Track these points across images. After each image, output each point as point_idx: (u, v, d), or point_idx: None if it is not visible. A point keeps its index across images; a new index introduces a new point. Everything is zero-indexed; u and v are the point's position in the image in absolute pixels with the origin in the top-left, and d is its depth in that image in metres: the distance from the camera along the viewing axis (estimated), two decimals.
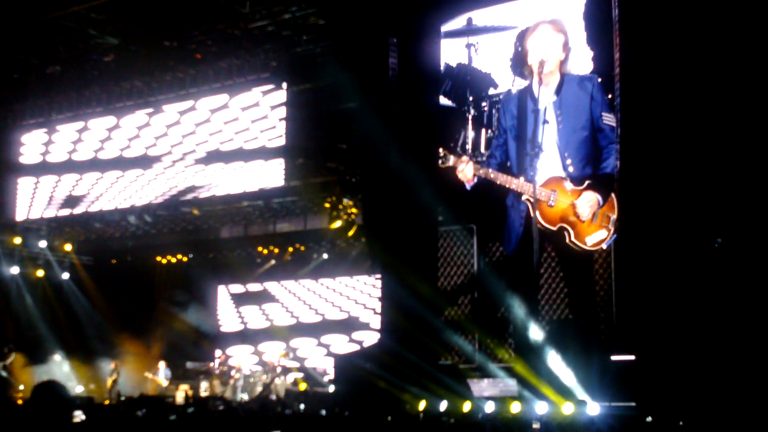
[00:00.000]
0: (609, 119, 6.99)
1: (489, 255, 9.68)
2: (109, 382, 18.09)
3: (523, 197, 6.65)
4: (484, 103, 10.28)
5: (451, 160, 6.89)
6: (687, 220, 8.24)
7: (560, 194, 6.64)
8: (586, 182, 6.70)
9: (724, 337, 7.62)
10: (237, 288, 20.63)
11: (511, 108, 7.07)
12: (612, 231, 6.81)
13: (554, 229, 6.66)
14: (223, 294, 20.73)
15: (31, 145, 18.35)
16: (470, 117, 10.32)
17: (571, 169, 6.74)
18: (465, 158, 6.84)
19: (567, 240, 6.69)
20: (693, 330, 7.77)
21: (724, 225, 8.29)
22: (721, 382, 7.18)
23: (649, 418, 6.75)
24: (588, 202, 6.65)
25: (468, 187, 6.98)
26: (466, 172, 6.79)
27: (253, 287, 20.43)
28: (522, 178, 6.60)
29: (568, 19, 8.75)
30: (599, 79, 7.36)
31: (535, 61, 6.75)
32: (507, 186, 6.67)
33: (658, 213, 8.22)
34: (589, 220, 6.67)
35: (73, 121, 17.63)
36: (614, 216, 6.82)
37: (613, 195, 6.86)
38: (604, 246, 6.87)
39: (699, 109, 8.32)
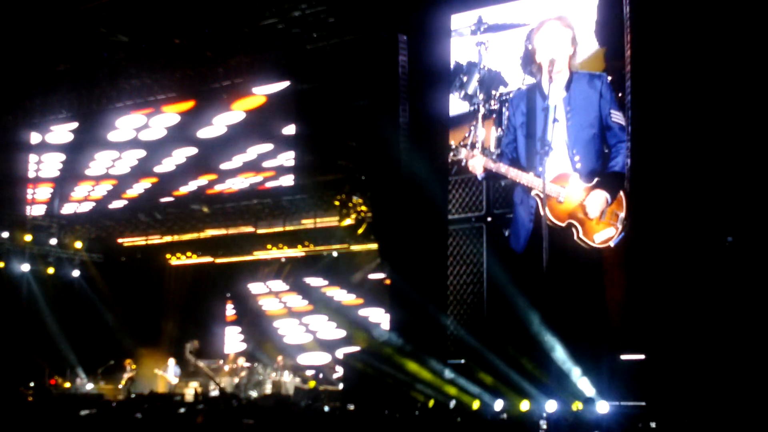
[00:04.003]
0: (618, 117, 6.96)
1: (498, 253, 9.66)
2: (125, 380, 18.13)
3: (533, 193, 6.63)
4: (494, 101, 10.28)
5: (462, 152, 6.88)
6: (697, 219, 8.21)
7: (569, 191, 6.62)
8: (595, 179, 6.68)
9: (734, 336, 7.59)
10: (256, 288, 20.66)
11: (520, 105, 7.04)
12: (620, 229, 6.78)
13: (563, 225, 6.64)
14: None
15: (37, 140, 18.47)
16: (480, 115, 10.32)
17: (579, 166, 6.72)
18: (475, 152, 6.83)
19: (575, 237, 6.67)
20: (703, 329, 7.74)
21: (735, 223, 8.26)
22: (732, 381, 7.15)
23: (653, 424, 6.73)
24: (597, 199, 6.62)
25: (479, 178, 6.97)
26: (476, 165, 6.77)
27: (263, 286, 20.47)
28: (532, 174, 6.58)
29: (577, 16, 8.74)
30: (609, 77, 7.34)
31: (544, 58, 6.73)
32: (517, 180, 6.66)
33: (669, 211, 8.20)
34: (597, 217, 6.65)
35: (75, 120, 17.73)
36: (622, 214, 6.78)
37: (621, 193, 6.82)
38: (611, 244, 6.84)
39: (710, 107, 8.29)
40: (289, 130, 15.78)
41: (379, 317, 17.45)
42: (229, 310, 21.05)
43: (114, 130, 17.42)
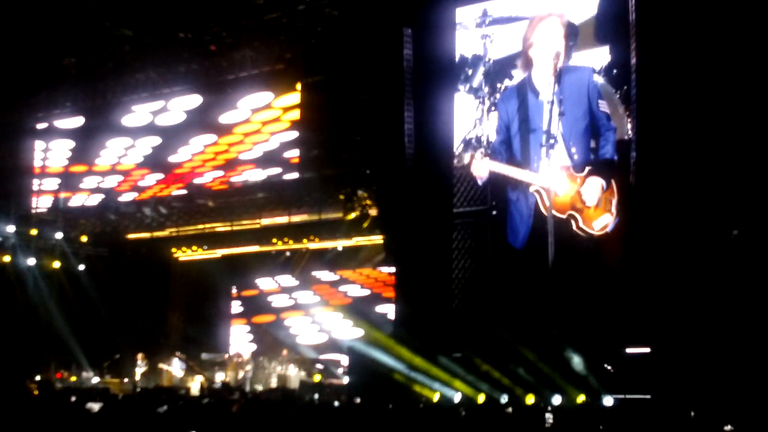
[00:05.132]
0: (604, 106, 7.05)
1: (501, 247, 9.63)
2: (138, 373, 18.14)
3: (531, 189, 6.65)
4: (499, 95, 10.25)
5: (466, 157, 6.95)
6: (703, 212, 8.19)
7: (566, 182, 6.65)
8: (587, 168, 6.72)
9: (740, 329, 7.58)
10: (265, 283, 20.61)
11: (510, 103, 7.09)
12: (615, 214, 6.84)
13: (563, 217, 6.67)
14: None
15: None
16: (485, 108, 10.30)
17: (576, 157, 6.76)
18: (479, 155, 6.88)
19: (574, 227, 6.72)
20: (708, 322, 7.73)
21: (741, 217, 8.24)
22: (737, 373, 7.14)
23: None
24: (593, 186, 6.68)
25: (480, 182, 7.00)
26: (481, 169, 6.82)
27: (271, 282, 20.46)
28: (528, 170, 6.62)
29: (579, 9, 8.71)
30: (593, 69, 7.37)
31: (542, 54, 6.76)
32: (519, 179, 6.69)
33: (674, 204, 8.18)
34: (594, 205, 6.68)
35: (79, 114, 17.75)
36: (615, 199, 6.84)
37: (613, 180, 6.87)
38: (608, 230, 6.89)
39: (716, 101, 8.26)
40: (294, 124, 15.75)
41: (386, 310, 17.40)
42: (236, 306, 21.04)
43: (127, 115, 17.31)
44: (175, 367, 18.34)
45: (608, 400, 7.08)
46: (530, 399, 7.74)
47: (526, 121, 6.91)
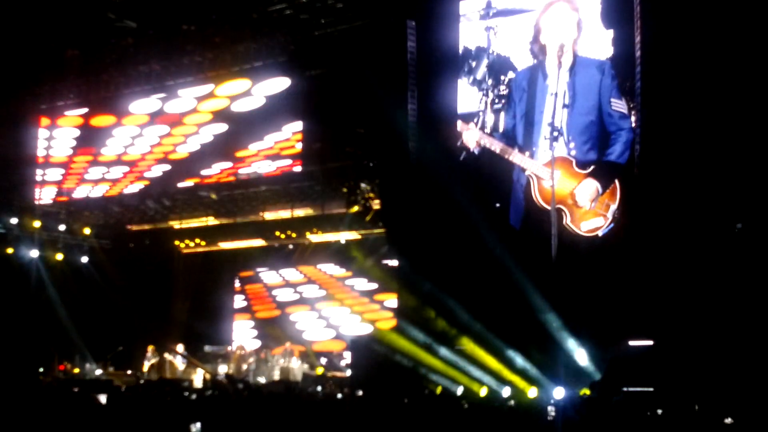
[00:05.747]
0: (618, 105, 7.01)
1: (502, 233, 9.57)
2: (147, 365, 18.11)
3: (526, 172, 6.69)
4: (503, 87, 10.23)
5: (459, 125, 6.99)
6: (706, 205, 8.17)
7: (563, 175, 6.64)
8: (591, 167, 6.70)
9: (742, 322, 7.57)
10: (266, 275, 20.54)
11: (522, 84, 7.10)
12: (609, 220, 6.81)
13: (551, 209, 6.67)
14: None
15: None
16: (488, 100, 10.27)
17: (574, 151, 6.74)
18: (471, 126, 6.94)
19: (563, 222, 6.72)
20: (711, 315, 7.72)
21: (744, 210, 8.22)
22: (739, 367, 7.13)
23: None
24: (587, 189, 6.67)
25: (475, 151, 7.02)
26: (470, 139, 6.86)
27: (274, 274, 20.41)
28: (527, 153, 6.64)
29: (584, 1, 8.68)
30: (611, 65, 7.33)
31: (551, 41, 6.76)
32: (507, 158, 6.72)
33: (678, 197, 8.17)
34: (587, 207, 6.67)
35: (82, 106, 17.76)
36: (614, 205, 6.82)
37: (617, 183, 6.84)
38: (599, 233, 6.88)
39: (721, 94, 8.24)
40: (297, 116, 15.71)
41: (391, 302, 17.34)
42: (240, 301, 20.99)
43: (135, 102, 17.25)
44: (178, 359, 18.31)
45: (609, 393, 7.06)
46: (532, 392, 7.73)
47: (532, 107, 6.92)
